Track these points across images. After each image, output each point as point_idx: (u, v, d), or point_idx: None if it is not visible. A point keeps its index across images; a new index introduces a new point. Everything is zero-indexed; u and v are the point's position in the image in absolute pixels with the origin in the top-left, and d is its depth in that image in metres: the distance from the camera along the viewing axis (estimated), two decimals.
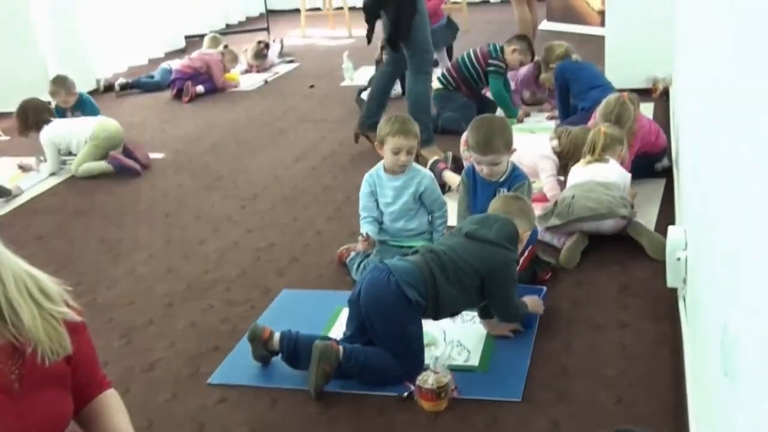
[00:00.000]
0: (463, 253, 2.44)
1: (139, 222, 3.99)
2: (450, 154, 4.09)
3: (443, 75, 5.19)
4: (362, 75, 6.53)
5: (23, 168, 4.85)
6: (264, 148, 5.05)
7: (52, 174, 4.74)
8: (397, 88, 5.84)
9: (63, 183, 4.64)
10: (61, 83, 5.16)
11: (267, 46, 7.35)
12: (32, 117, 4.78)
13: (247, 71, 7.22)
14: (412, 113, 4.35)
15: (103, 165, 4.67)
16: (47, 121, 4.78)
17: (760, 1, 1.16)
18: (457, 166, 3.93)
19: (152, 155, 4.95)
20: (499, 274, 2.46)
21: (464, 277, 2.43)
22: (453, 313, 2.56)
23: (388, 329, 2.40)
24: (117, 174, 4.66)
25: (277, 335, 2.48)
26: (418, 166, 3.19)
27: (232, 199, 4.19)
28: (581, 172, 3.36)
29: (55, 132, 4.74)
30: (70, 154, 4.80)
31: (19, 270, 1.50)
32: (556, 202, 3.26)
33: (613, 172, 3.32)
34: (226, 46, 6.80)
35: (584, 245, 3.13)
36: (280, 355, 2.49)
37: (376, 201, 3.15)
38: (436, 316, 2.49)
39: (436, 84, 5.19)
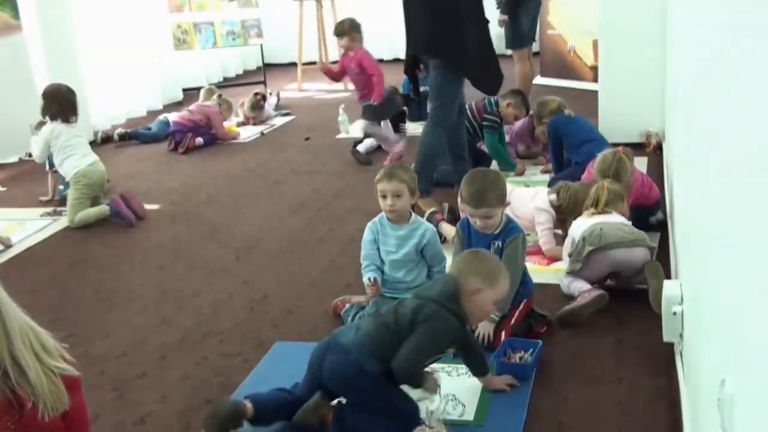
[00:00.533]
0: (407, 314, 2.40)
1: (133, 273, 3.98)
2: (446, 205, 4.11)
3: None
4: (358, 128, 6.58)
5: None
6: (259, 199, 5.06)
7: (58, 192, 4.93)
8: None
9: (58, 234, 4.63)
10: (36, 128, 5.18)
11: (264, 98, 7.42)
12: (57, 107, 4.73)
13: (243, 123, 7.28)
14: (419, 162, 4.39)
15: (103, 208, 4.67)
16: (66, 121, 4.74)
17: (749, 57, 1.18)
18: (453, 218, 3.95)
19: (148, 206, 4.95)
20: (422, 326, 2.37)
21: (406, 337, 2.39)
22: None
23: (371, 405, 2.39)
24: (112, 224, 4.65)
25: (249, 404, 2.41)
26: (422, 219, 3.21)
27: (227, 250, 4.19)
28: (588, 221, 3.35)
29: (54, 132, 4.70)
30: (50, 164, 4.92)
31: (23, 324, 1.50)
32: (584, 238, 3.23)
33: (619, 220, 3.35)
34: (220, 95, 6.87)
35: (600, 306, 3.05)
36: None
37: (378, 249, 3.15)
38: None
39: None
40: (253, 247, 4.21)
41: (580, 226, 3.35)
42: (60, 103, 4.74)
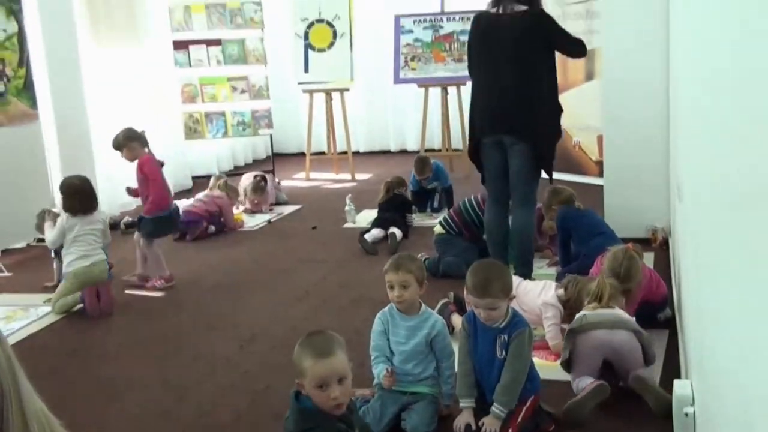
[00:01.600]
0: None
1: (135, 361, 3.93)
2: (452, 294, 4.10)
3: (445, 219, 5.26)
4: (364, 217, 6.64)
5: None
6: (265, 288, 5.05)
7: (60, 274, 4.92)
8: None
9: (60, 320, 4.61)
10: (40, 216, 5.19)
11: (264, 178, 7.53)
12: (74, 202, 4.76)
13: (252, 211, 7.33)
14: (520, 246, 4.50)
15: (76, 297, 4.67)
16: (83, 214, 4.75)
17: (752, 151, 1.19)
18: (459, 307, 3.93)
19: (152, 294, 4.94)
20: None
21: None
22: None
23: None
24: (114, 311, 4.65)
25: None
26: (431, 310, 3.19)
27: (231, 339, 4.15)
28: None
29: (68, 224, 4.71)
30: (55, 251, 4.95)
31: (39, 411, 1.46)
32: (571, 328, 3.26)
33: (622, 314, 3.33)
34: (225, 183, 6.94)
35: (601, 398, 3.00)
36: None
37: (388, 340, 3.12)
38: None
39: (438, 229, 5.26)
40: (256, 336, 4.17)
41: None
42: (78, 198, 4.79)
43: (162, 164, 5.39)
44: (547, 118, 4.45)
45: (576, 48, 4.49)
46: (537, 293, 3.80)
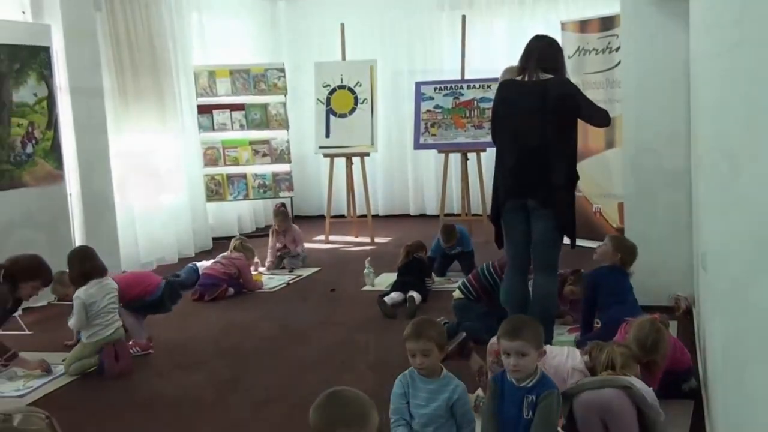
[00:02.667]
0: None
1: (149, 422, 3.90)
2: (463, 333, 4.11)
3: (464, 284, 5.23)
4: (383, 281, 6.61)
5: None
6: (282, 350, 5.01)
7: (78, 333, 4.90)
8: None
9: (77, 380, 4.59)
10: (56, 278, 5.14)
11: (284, 205, 7.71)
12: (78, 267, 4.77)
13: (272, 263, 7.40)
14: (544, 309, 4.45)
15: (92, 362, 4.68)
16: (96, 275, 4.75)
17: None
18: (461, 349, 3.91)
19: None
20: None
21: None
22: None
23: None
24: (133, 371, 4.64)
25: None
26: (452, 375, 3.14)
27: (246, 402, 4.10)
28: None
29: (89, 299, 4.68)
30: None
31: None
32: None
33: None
34: (241, 242, 6.97)
35: None
36: None
37: (408, 404, 3.07)
38: None
39: (456, 293, 5.23)
40: (272, 400, 4.13)
41: None
42: (87, 261, 4.80)
43: (124, 271, 5.64)
44: (567, 184, 4.47)
45: (600, 117, 4.51)
46: (563, 358, 3.74)
